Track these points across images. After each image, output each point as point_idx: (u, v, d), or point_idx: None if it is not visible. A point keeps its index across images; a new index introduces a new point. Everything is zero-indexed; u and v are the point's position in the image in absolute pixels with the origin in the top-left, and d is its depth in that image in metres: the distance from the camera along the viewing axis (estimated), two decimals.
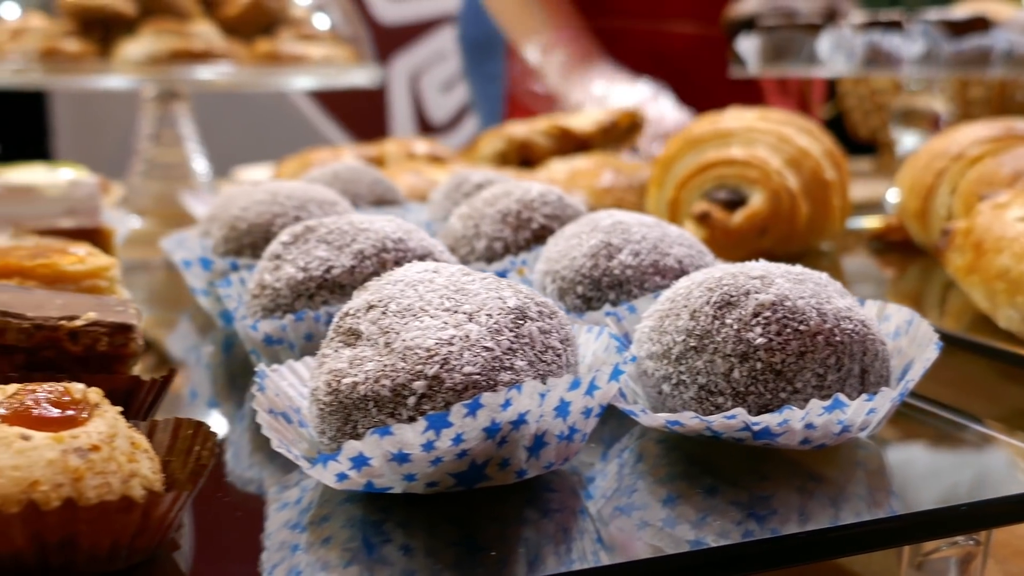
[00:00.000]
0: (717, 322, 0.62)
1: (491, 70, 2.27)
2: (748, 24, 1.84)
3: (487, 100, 2.33)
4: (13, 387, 0.51)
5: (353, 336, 0.57)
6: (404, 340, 0.55)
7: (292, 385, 0.64)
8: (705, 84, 2.07)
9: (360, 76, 1.81)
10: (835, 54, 1.60)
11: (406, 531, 0.55)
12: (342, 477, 0.54)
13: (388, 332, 0.56)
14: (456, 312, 0.56)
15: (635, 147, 1.80)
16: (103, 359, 0.60)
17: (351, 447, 0.52)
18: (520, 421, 0.54)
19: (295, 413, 0.61)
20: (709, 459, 0.64)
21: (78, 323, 0.60)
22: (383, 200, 1.15)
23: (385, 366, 0.54)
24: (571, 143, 1.73)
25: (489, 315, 0.56)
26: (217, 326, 0.96)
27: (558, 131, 1.73)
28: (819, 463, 0.64)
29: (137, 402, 0.59)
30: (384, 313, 0.57)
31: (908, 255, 1.28)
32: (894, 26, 1.54)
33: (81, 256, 0.73)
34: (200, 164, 1.75)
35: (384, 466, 0.53)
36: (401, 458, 0.53)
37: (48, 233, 0.95)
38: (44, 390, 0.50)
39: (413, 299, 0.57)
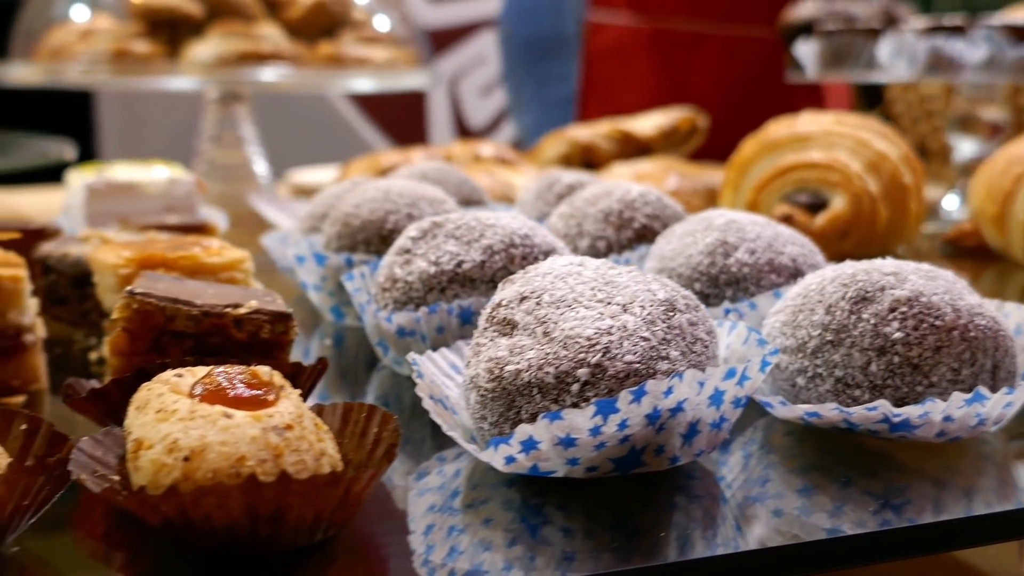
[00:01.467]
0: (854, 317, 0.64)
1: (556, 70, 2.23)
2: (806, 29, 1.85)
3: (540, 102, 2.29)
4: (203, 369, 0.53)
5: (509, 326, 0.60)
6: (563, 329, 0.57)
7: (434, 374, 0.66)
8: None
9: (416, 79, 1.83)
10: (896, 59, 1.61)
11: (565, 514, 0.57)
12: (510, 460, 0.56)
13: (545, 322, 0.58)
14: (610, 303, 0.58)
15: None
16: (264, 346, 0.63)
17: (522, 431, 0.55)
18: (678, 409, 0.56)
19: (446, 400, 0.63)
20: (840, 451, 0.66)
21: (243, 311, 0.62)
22: (469, 200, 1.17)
23: (547, 354, 0.57)
24: (632, 147, 1.76)
25: (642, 307, 0.58)
26: (325, 321, 0.98)
27: (620, 135, 1.75)
28: (948, 456, 0.65)
29: (299, 387, 0.61)
30: (538, 304, 0.59)
31: (982, 259, 1.29)
32: (957, 31, 1.55)
33: (217, 249, 0.76)
34: (260, 166, 1.78)
35: (551, 450, 0.55)
36: (568, 442, 0.55)
37: (158, 229, 0.97)
38: (236, 372, 0.52)
39: (565, 291, 0.59)
